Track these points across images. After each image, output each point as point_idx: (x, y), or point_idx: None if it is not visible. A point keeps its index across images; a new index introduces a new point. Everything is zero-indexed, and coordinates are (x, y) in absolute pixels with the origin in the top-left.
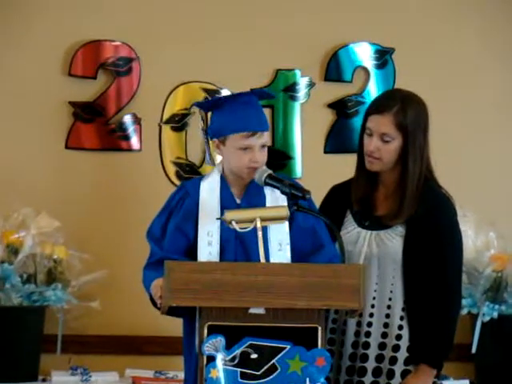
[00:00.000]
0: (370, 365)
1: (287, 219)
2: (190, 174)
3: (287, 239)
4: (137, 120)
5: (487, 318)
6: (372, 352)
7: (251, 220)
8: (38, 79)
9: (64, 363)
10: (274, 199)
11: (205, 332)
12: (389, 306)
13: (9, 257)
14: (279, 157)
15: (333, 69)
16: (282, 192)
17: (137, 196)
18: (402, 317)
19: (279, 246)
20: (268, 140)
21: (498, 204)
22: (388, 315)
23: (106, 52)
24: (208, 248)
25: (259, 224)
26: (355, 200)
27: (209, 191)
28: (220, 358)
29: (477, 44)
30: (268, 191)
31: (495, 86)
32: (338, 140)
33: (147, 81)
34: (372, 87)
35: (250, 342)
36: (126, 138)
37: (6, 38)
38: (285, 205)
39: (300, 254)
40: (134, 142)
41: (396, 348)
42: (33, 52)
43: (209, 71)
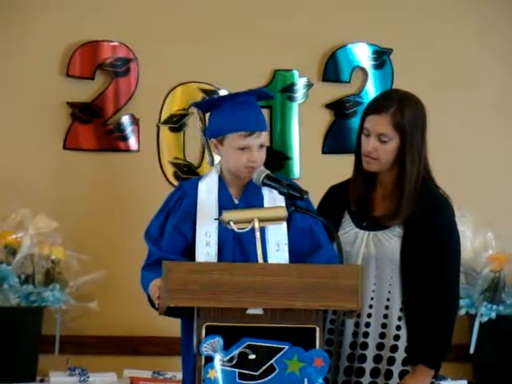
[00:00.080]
0: (368, 365)
1: (285, 220)
2: (188, 175)
3: (285, 240)
4: (135, 120)
5: (485, 319)
6: (370, 352)
7: (249, 220)
8: (36, 80)
9: (62, 364)
10: (272, 200)
11: (203, 332)
12: (387, 307)
13: (7, 257)
14: (277, 157)
15: (331, 69)
16: (280, 192)
17: (135, 196)
18: (400, 317)
19: (277, 247)
20: (266, 140)
21: (496, 204)
22: (386, 316)
23: (104, 52)
24: (206, 248)
25: (257, 224)
26: (353, 200)
27: (207, 191)
28: (218, 359)
29: (475, 44)
30: (266, 192)
31: (494, 87)
32: (336, 140)
33: (145, 81)
34: (370, 88)
35: (248, 343)
36: (124, 139)
37: (4, 39)
38: (283, 205)
39: (298, 255)
40: (132, 143)
41: (394, 348)
42: (31, 52)
43: (207, 72)
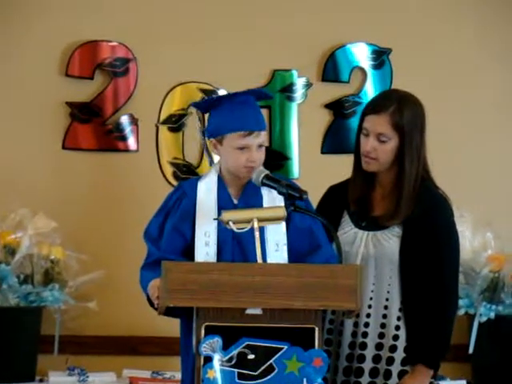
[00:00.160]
0: (367, 365)
1: (284, 220)
2: (187, 175)
3: (284, 240)
4: (134, 120)
5: (484, 319)
6: (369, 352)
7: (248, 220)
8: (35, 79)
9: (61, 364)
10: (271, 200)
11: (202, 332)
12: (386, 307)
13: (6, 257)
14: (276, 157)
15: (330, 69)
16: (279, 192)
17: (134, 196)
18: (399, 317)
19: (276, 247)
20: (265, 140)
21: (495, 204)
22: (385, 316)
23: (103, 52)
24: (205, 248)
25: (256, 224)
26: (352, 200)
27: (206, 191)
28: (217, 359)
29: (474, 44)
30: (265, 192)
31: (493, 87)
32: (335, 140)
33: (144, 81)
34: (369, 88)
35: (247, 343)
36: (123, 139)
37: (3, 39)
38: (282, 205)
39: (297, 255)
40: (131, 143)
41: (393, 348)
42: (30, 52)
43: (206, 72)
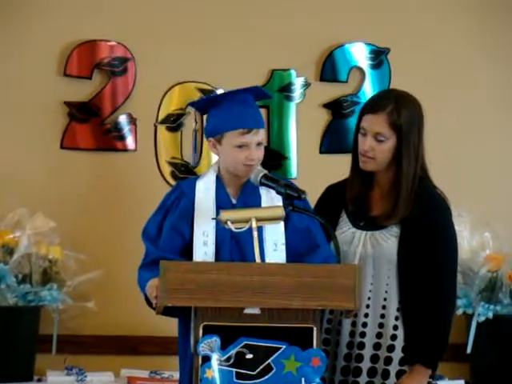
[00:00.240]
0: (365, 365)
1: (283, 219)
2: (186, 174)
3: (282, 239)
4: (132, 120)
5: (482, 318)
6: (367, 352)
7: (247, 220)
8: (34, 79)
9: (59, 363)
10: (270, 199)
11: (200, 332)
12: (384, 307)
13: (4, 257)
14: (274, 157)
15: (328, 69)
16: (278, 192)
17: (132, 196)
18: (397, 317)
19: (274, 246)
20: (264, 138)
21: (494, 204)
22: (383, 315)
23: (102, 52)
24: (203, 248)
25: (254, 224)
26: (350, 200)
27: (204, 191)
28: (215, 358)
29: (473, 44)
30: (263, 191)
31: (490, 86)
32: (334, 140)
33: (143, 81)
34: (367, 87)
35: (246, 342)
36: (122, 138)
37: (2, 38)
38: (280, 205)
39: (295, 254)
40: (130, 142)
41: (391, 348)
42: (28, 52)
43: (204, 71)
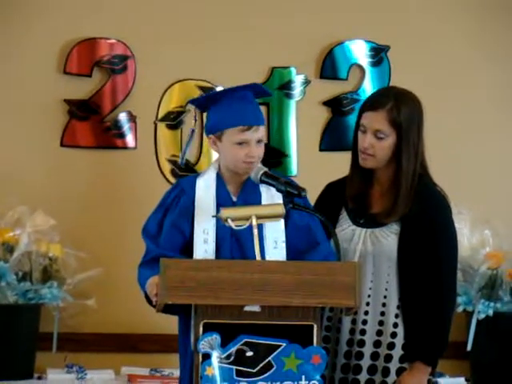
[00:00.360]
0: (365, 362)
1: (283, 217)
2: (186, 172)
3: (283, 237)
4: (132, 118)
5: (482, 316)
6: (367, 350)
7: (247, 218)
8: (33, 77)
9: (60, 361)
10: (270, 197)
11: (200, 330)
12: (384, 304)
13: (4, 255)
14: (274, 154)
15: (328, 66)
16: (278, 190)
17: (132, 194)
18: (397, 314)
19: (275, 244)
20: (264, 135)
21: (494, 202)
22: (383, 313)
23: (102, 50)
24: (204, 245)
25: (255, 222)
26: (349, 197)
27: (204, 189)
28: (215, 356)
29: (472, 44)
30: (264, 189)
31: (490, 86)
32: (334, 138)
33: (142, 78)
34: (367, 85)
35: (246, 340)
36: (121, 136)
37: (2, 37)
38: (280, 202)
39: (295, 252)
40: (129, 140)
41: (391, 346)
42: (28, 50)
43: (204, 69)
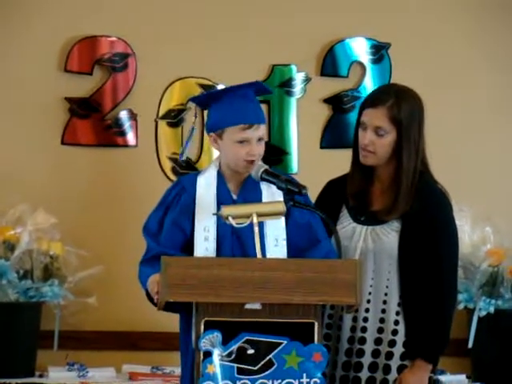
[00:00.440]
0: (366, 360)
1: (283, 215)
2: (186, 170)
3: (283, 235)
4: (133, 116)
5: (483, 313)
6: (368, 347)
7: (248, 215)
8: (34, 75)
9: (61, 359)
10: (271, 195)
11: (201, 327)
12: (385, 301)
13: (5, 253)
14: (275, 152)
15: (329, 64)
16: (279, 187)
17: (133, 192)
18: (398, 312)
19: (275, 242)
20: (265, 133)
21: (495, 199)
22: (384, 310)
23: (102, 48)
24: (204, 243)
25: (255, 219)
26: (350, 195)
27: (205, 187)
28: (216, 354)
29: (472, 44)
30: (264, 187)
31: (490, 86)
32: (334, 135)
33: (143, 76)
34: (368, 82)
35: (247, 338)
36: (122, 134)
37: (2, 35)
38: (281, 200)
39: (296, 250)
40: (130, 138)
41: (392, 343)
42: (29, 48)
43: (205, 67)
